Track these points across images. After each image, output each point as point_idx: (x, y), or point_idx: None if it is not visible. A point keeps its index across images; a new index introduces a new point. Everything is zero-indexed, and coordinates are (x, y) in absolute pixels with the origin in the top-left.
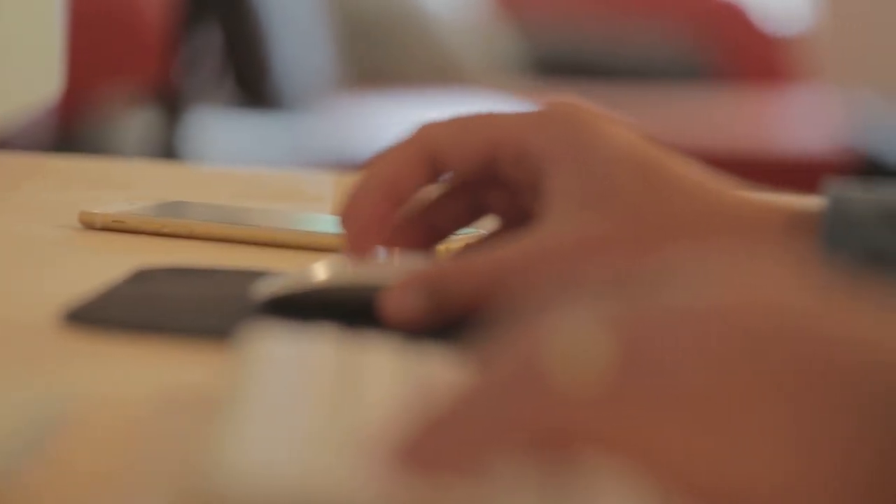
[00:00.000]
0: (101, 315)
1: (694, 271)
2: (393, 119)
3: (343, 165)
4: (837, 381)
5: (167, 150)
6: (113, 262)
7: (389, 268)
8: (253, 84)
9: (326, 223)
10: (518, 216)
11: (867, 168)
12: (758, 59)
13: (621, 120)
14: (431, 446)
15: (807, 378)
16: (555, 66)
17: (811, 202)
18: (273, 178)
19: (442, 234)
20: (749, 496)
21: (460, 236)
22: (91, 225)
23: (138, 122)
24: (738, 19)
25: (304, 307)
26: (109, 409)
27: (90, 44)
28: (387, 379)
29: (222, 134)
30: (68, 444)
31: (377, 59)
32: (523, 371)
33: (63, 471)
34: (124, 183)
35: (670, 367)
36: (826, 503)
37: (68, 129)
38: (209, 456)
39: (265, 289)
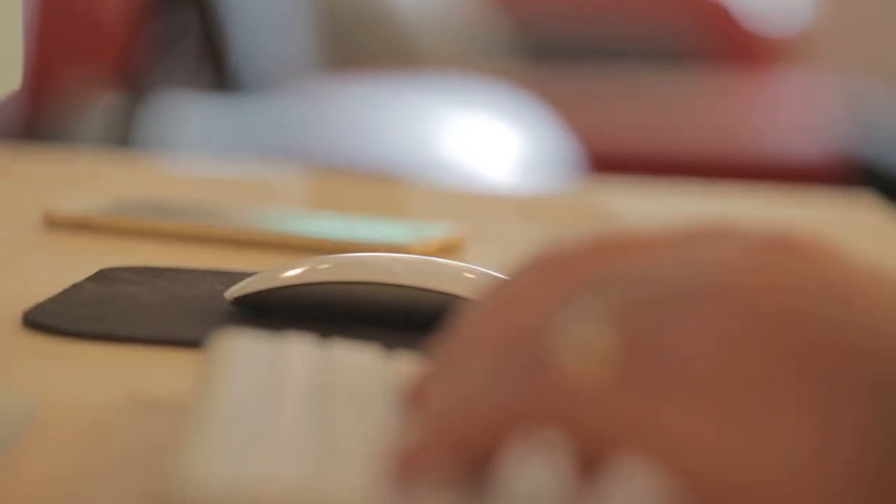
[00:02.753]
0: (62, 318)
1: (703, 255)
2: (365, 103)
3: (311, 151)
4: (851, 369)
5: (133, 136)
6: (76, 262)
7: (362, 264)
8: (222, 68)
9: (294, 221)
10: None
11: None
12: (749, 52)
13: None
14: (438, 438)
15: (820, 364)
16: (541, 49)
17: None
18: (240, 173)
19: None
20: (757, 485)
21: (432, 235)
22: (55, 224)
23: (103, 107)
24: (727, 10)
25: (273, 307)
26: (70, 413)
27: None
28: (358, 386)
29: (190, 119)
30: (29, 448)
31: (349, 43)
32: (530, 358)
33: (23, 476)
34: (89, 180)
35: (678, 352)
36: (837, 493)
37: (33, 116)
38: (173, 462)
39: (234, 288)
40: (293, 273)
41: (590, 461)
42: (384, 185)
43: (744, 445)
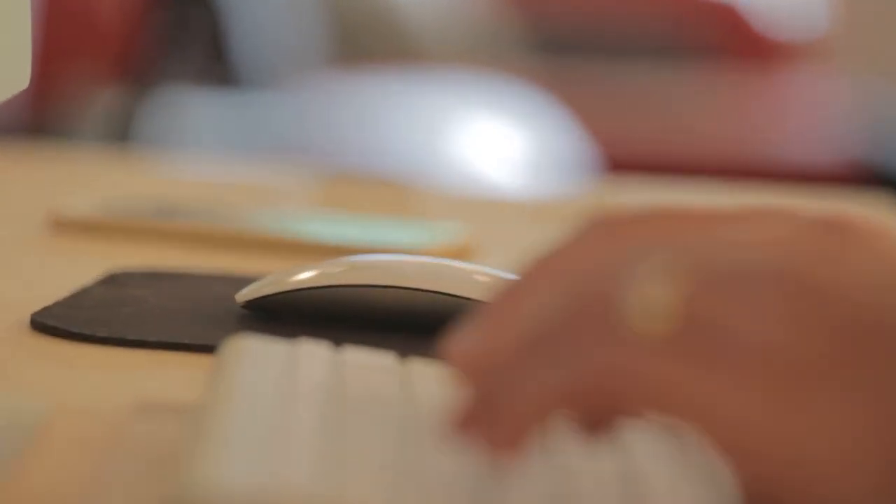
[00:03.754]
0: (70, 321)
1: (764, 234)
2: (372, 101)
3: (316, 148)
4: None
5: (137, 132)
6: (83, 265)
7: (375, 267)
8: (226, 64)
9: (304, 223)
10: None
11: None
12: (764, 54)
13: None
14: (501, 388)
15: (874, 349)
16: (553, 47)
17: None
18: (248, 173)
19: None
20: (804, 464)
21: (445, 237)
22: (61, 225)
23: (107, 103)
24: (742, 12)
25: (284, 310)
26: (79, 417)
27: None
28: (371, 391)
29: (194, 115)
30: (38, 453)
31: (356, 39)
32: (593, 310)
33: (32, 481)
34: (94, 180)
35: (736, 327)
36: (884, 477)
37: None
38: (185, 468)
39: (245, 292)
40: (305, 276)
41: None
42: (395, 187)
43: (793, 424)
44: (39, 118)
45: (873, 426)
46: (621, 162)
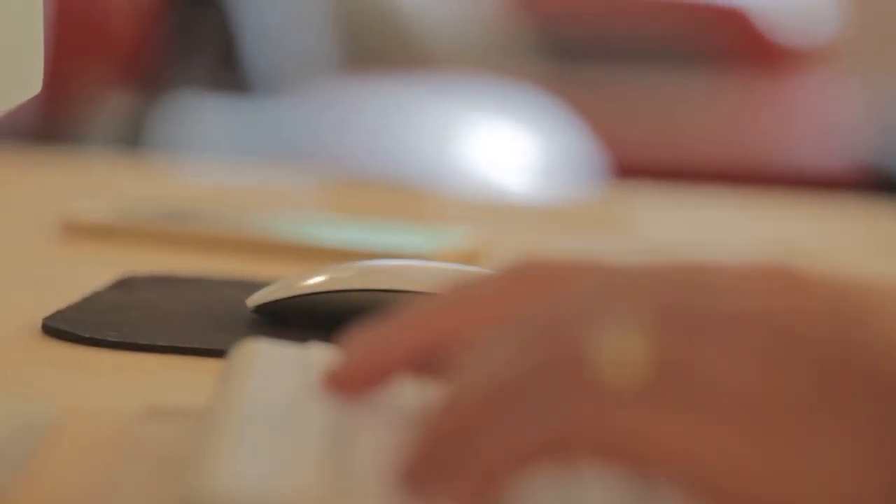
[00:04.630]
0: (81, 325)
1: (747, 280)
2: (382, 106)
3: (327, 153)
4: (879, 391)
5: (147, 137)
6: (94, 269)
7: (385, 272)
8: (237, 69)
9: (314, 228)
10: None
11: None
12: (774, 59)
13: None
14: (470, 441)
15: (862, 389)
16: (563, 52)
17: None
18: (258, 178)
19: None
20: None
21: (454, 242)
22: (74, 230)
23: (117, 108)
24: (752, 17)
25: (295, 315)
26: (89, 421)
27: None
28: (380, 397)
29: (205, 120)
30: (48, 456)
31: (367, 45)
32: (562, 362)
33: (42, 484)
34: (106, 185)
35: (718, 368)
36: None
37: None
38: (194, 473)
39: (255, 296)
40: (315, 281)
41: (617, 467)
42: (405, 192)
43: (774, 464)
44: (51, 123)
45: (852, 463)
46: (630, 167)
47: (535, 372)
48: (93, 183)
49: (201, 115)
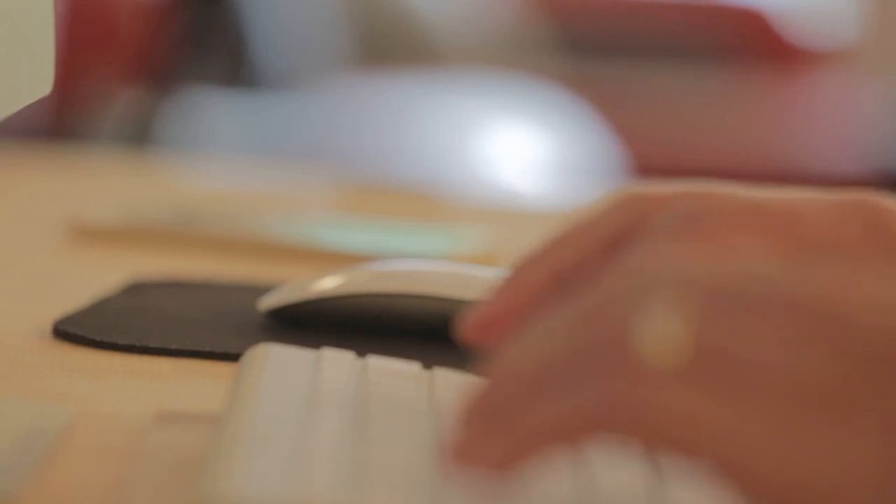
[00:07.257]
0: (92, 329)
1: (810, 265)
2: (394, 103)
3: (337, 150)
4: None
5: (157, 134)
6: (105, 273)
7: (399, 275)
8: (247, 65)
9: (327, 231)
10: None
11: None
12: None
13: None
14: (509, 419)
15: (890, 378)
16: (580, 50)
17: None
18: (269, 178)
19: None
20: (813, 492)
21: (469, 244)
22: (83, 233)
23: (127, 105)
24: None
25: (307, 319)
26: (101, 425)
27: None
28: (395, 401)
29: (215, 116)
30: (59, 461)
31: (379, 41)
32: (606, 343)
33: (53, 489)
34: (116, 187)
35: (759, 354)
36: None
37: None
38: (207, 478)
39: (267, 300)
40: (328, 284)
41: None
42: (419, 194)
43: (807, 449)
44: (61, 121)
45: (882, 457)
46: (648, 166)
47: (580, 352)
48: (103, 184)
49: (212, 112)
